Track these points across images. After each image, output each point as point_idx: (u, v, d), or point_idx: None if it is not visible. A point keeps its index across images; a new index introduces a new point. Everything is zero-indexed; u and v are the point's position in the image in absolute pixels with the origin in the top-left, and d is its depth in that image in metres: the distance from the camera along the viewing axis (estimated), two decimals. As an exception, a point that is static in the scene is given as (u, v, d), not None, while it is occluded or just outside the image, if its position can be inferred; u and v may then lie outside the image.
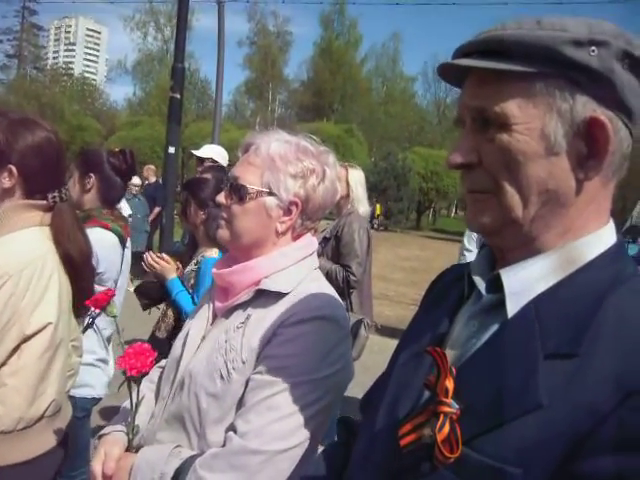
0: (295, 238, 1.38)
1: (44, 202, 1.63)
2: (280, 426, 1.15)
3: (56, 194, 1.65)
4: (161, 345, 3.31)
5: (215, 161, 4.80)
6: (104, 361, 2.63)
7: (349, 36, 48.08)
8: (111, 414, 4.09)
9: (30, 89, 45.73)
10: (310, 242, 1.41)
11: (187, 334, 1.39)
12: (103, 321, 2.46)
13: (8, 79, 54.95)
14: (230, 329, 1.28)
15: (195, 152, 5.03)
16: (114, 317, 1.36)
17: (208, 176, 2.86)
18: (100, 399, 2.69)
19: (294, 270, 1.33)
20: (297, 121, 41.04)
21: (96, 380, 2.54)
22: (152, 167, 10.87)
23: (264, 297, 1.29)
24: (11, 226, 1.59)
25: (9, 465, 1.54)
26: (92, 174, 2.46)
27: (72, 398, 1.96)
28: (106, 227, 2.42)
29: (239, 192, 1.30)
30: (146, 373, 1.20)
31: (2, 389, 1.52)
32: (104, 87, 58.58)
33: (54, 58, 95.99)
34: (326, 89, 45.81)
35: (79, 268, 1.69)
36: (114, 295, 1.32)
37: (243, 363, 1.22)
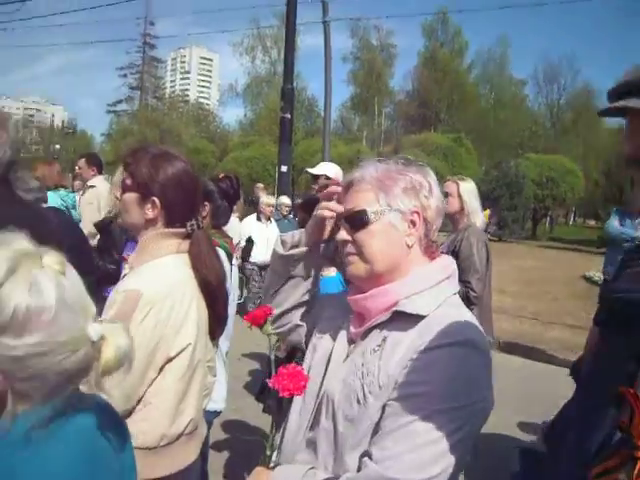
0: (426, 253, 1.35)
1: (183, 230, 1.73)
2: (418, 455, 1.12)
3: (193, 222, 1.75)
4: (277, 363, 3.38)
5: (329, 177, 4.86)
6: (222, 375, 2.74)
7: (454, 43, 47.31)
8: (228, 427, 4.24)
9: (151, 117, 49.03)
10: (448, 263, 1.37)
11: (328, 358, 1.38)
12: (221, 336, 2.57)
13: (132, 109, 59.26)
14: (367, 351, 1.27)
15: (309, 170, 5.12)
16: (268, 335, 1.38)
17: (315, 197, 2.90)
18: (220, 412, 2.80)
19: (433, 293, 1.29)
20: (404, 133, 40.86)
21: (217, 394, 2.65)
22: (261, 185, 11.23)
23: (401, 319, 1.26)
24: (153, 254, 1.69)
25: (153, 479, 1.63)
26: (207, 203, 2.58)
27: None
28: (215, 244, 2.54)
29: (361, 219, 1.29)
30: (297, 395, 1.24)
31: (147, 407, 1.62)
32: (217, 111, 61.27)
33: (171, 87, 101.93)
34: (432, 99, 45.26)
35: (215, 292, 1.77)
36: (271, 314, 1.35)
37: (380, 388, 1.20)
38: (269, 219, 8.08)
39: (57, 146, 53.00)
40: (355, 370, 1.27)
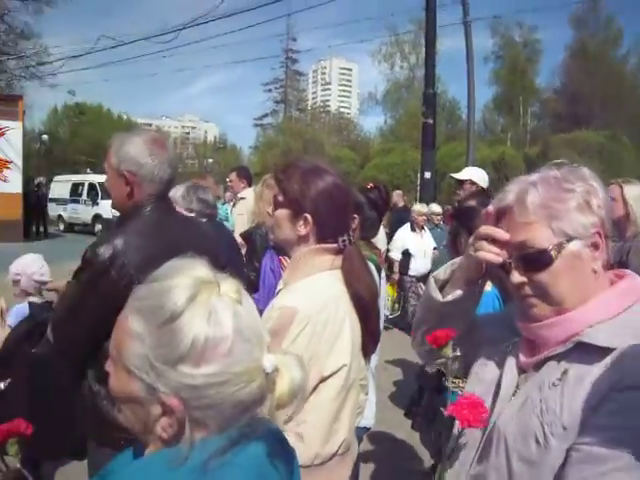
0: (607, 272, 1.18)
1: (335, 246, 1.69)
2: None
3: (345, 237, 1.70)
4: (427, 380, 3.26)
5: (474, 183, 4.66)
6: (372, 391, 2.67)
7: (606, 32, 43.86)
8: (374, 439, 4.18)
9: (295, 128, 50.73)
10: (635, 284, 1.17)
11: (496, 388, 1.25)
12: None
13: (277, 122, 61.88)
14: (544, 385, 1.12)
15: (454, 175, 4.95)
16: (447, 358, 1.26)
17: (473, 203, 2.74)
18: (370, 428, 2.73)
19: (622, 320, 1.11)
20: (551, 132, 38.57)
21: (368, 409, 2.59)
22: (399, 192, 11.09)
23: (584, 350, 1.10)
24: (306, 270, 1.67)
25: (307, 498, 1.60)
26: (356, 215, 2.53)
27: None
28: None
29: (540, 259, 1.12)
30: (476, 427, 1.13)
31: (301, 425, 1.59)
32: (357, 119, 62.07)
33: (313, 98, 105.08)
34: (583, 94, 42.21)
35: (368, 308, 1.71)
36: (454, 336, 1.24)
37: (564, 429, 1.05)
38: (423, 228, 7.79)
39: (210, 160, 56.67)
40: (532, 406, 1.12)
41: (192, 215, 3.33)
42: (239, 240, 4.22)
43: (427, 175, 9.29)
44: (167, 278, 0.86)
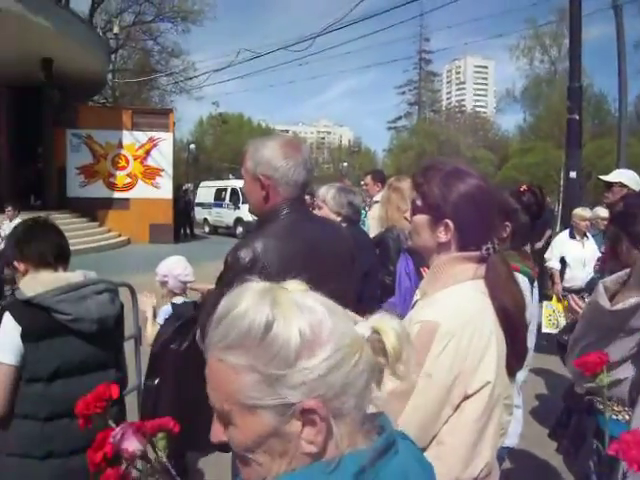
0: None
1: (478, 254, 1.57)
2: None
3: (489, 245, 1.57)
4: (575, 400, 3.00)
5: (624, 185, 4.26)
6: (518, 407, 2.48)
7: None
8: (512, 456, 3.94)
9: (429, 130, 50.06)
10: None
11: None
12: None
13: (411, 124, 61.43)
14: None
15: (603, 177, 4.56)
16: (602, 386, 1.13)
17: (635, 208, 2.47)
18: (512, 448, 2.55)
19: None
20: None
21: (512, 428, 2.41)
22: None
23: None
24: (445, 280, 1.56)
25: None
26: (508, 223, 2.36)
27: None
28: (515, 269, 2.29)
29: None
30: None
31: (440, 447, 1.50)
32: (494, 118, 59.91)
33: (447, 99, 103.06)
34: None
35: (514, 322, 1.57)
36: (608, 361, 1.10)
37: None
38: (585, 235, 6.69)
39: (345, 164, 57.46)
40: None
41: (338, 218, 3.33)
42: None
43: (572, 175, 8.62)
44: (233, 307, 0.83)
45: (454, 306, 1.51)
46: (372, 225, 5.59)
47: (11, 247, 2.17)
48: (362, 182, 6.69)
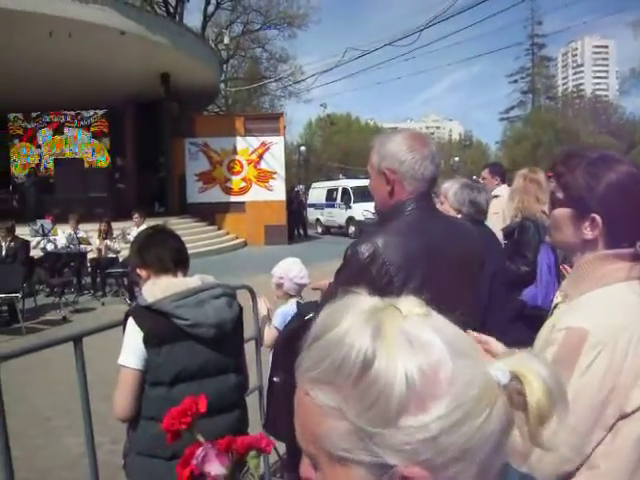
0: None
1: (631, 251, 1.38)
2: None
3: (645, 241, 1.38)
4: None
5: None
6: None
7: None
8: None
9: (545, 118, 47.70)
10: None
11: None
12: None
13: (524, 113, 58.81)
14: None
15: None
16: None
17: None
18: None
19: None
20: None
21: None
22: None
23: None
24: (592, 282, 1.38)
25: None
26: None
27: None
28: None
29: None
30: None
31: (593, 471, 1.32)
32: (618, 101, 55.95)
33: (564, 84, 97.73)
34: None
35: None
36: None
37: None
38: None
39: (456, 158, 56.16)
40: None
41: (458, 215, 3.20)
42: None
43: None
44: (331, 327, 0.65)
45: (605, 311, 1.33)
46: (492, 220, 5.36)
47: (133, 255, 2.26)
48: (480, 177, 6.43)
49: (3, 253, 9.40)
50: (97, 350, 2.67)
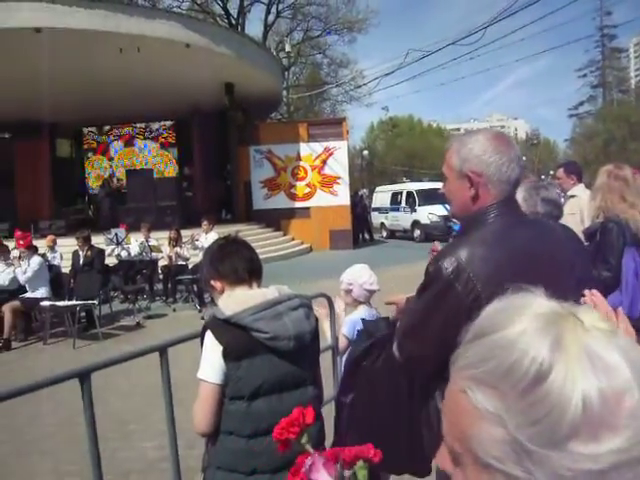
0: None
1: None
2: None
3: None
4: None
5: None
6: None
7: None
8: None
9: (617, 113, 45.73)
10: None
11: None
12: None
13: (595, 109, 56.61)
14: None
15: None
16: None
17: None
18: None
19: None
20: None
21: None
22: None
23: None
24: None
25: None
26: None
27: None
28: None
29: None
30: None
31: None
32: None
33: (637, 76, 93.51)
34: None
35: None
36: None
37: None
38: None
39: (523, 157, 54.77)
40: None
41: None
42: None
43: None
44: (501, 327, 0.59)
45: None
46: (569, 221, 5.13)
47: (206, 267, 2.24)
48: (556, 177, 6.18)
49: (81, 262, 9.78)
50: (170, 356, 2.71)
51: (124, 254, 11.52)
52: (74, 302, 8.59)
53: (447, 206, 2.21)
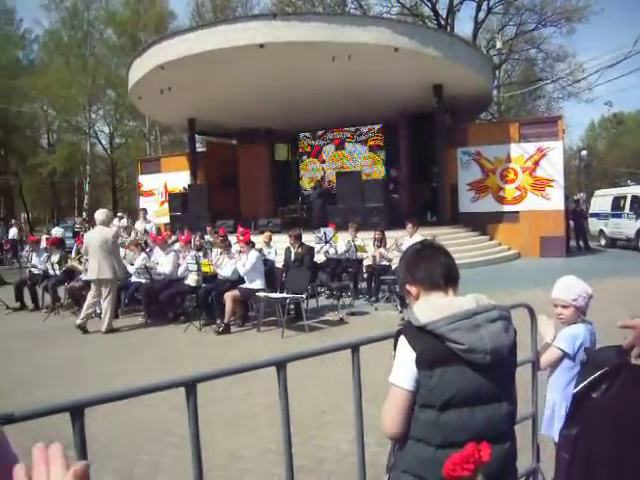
0: None
1: None
2: None
3: None
4: None
5: None
6: None
7: None
8: None
9: None
10: None
11: None
12: None
13: None
14: None
15: None
16: None
17: None
18: None
19: None
20: None
21: None
22: None
23: None
24: None
25: None
26: None
27: None
28: None
29: None
30: None
31: None
32: None
33: None
34: None
35: None
36: None
37: None
38: None
39: None
40: None
41: None
42: None
43: None
44: None
45: None
46: None
47: (402, 271, 2.22)
48: None
49: (292, 258, 10.47)
50: (369, 354, 2.77)
51: (332, 252, 12.09)
52: (285, 295, 9.20)
53: None
